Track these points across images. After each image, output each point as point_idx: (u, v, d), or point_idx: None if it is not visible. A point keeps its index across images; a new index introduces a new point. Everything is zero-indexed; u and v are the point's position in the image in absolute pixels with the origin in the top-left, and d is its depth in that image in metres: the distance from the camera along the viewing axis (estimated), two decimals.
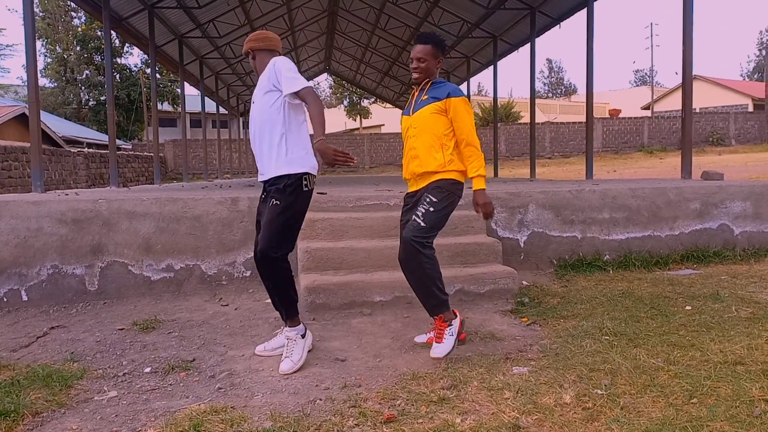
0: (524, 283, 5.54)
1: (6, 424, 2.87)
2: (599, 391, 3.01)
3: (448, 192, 3.76)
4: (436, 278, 3.70)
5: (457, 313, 3.81)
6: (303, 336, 3.74)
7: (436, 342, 3.66)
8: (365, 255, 5.12)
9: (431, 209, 3.69)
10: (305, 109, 3.69)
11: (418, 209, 3.72)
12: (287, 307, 3.75)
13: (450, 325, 3.69)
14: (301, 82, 3.57)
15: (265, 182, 3.74)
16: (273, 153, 3.66)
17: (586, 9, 12.56)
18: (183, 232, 5.56)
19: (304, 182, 3.66)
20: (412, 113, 3.87)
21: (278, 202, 3.60)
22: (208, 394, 3.26)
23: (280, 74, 3.60)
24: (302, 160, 3.67)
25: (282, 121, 3.66)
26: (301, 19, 21.94)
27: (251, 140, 3.78)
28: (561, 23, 15.02)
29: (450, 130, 3.78)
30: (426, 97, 3.81)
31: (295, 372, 3.54)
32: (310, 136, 3.63)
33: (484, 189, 3.77)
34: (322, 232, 5.41)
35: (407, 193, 4.01)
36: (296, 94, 3.58)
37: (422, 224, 3.66)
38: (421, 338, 4.07)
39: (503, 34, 17.56)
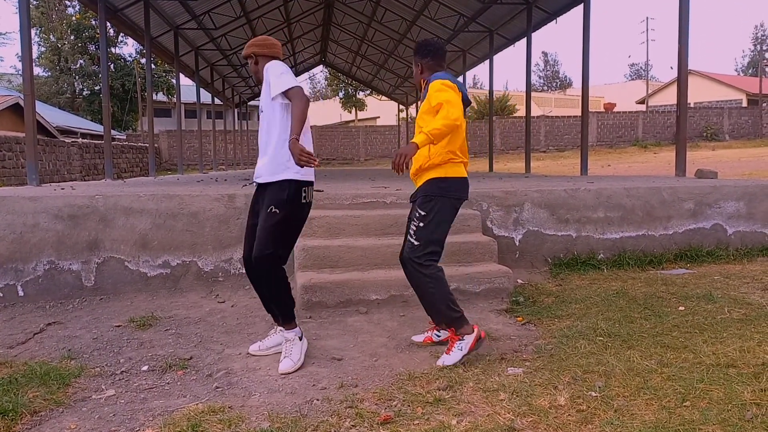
0: (519, 281, 5.58)
1: (5, 424, 2.89)
2: (593, 393, 3.05)
3: (435, 197, 3.67)
4: (442, 298, 3.63)
5: (476, 329, 3.65)
6: (300, 338, 3.76)
7: (446, 354, 3.64)
8: (362, 253, 5.14)
9: (421, 224, 3.63)
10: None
11: (410, 225, 3.70)
12: (283, 313, 3.75)
13: (461, 339, 3.61)
14: (287, 82, 3.52)
15: (262, 184, 3.72)
16: (274, 157, 3.61)
17: (582, 5, 12.57)
18: (180, 229, 5.57)
19: (303, 194, 3.65)
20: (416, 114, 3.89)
21: (277, 211, 3.57)
22: (206, 394, 3.28)
23: (270, 78, 3.58)
24: (303, 169, 3.61)
25: (286, 126, 3.60)
26: (297, 11, 21.87)
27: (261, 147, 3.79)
28: (557, 18, 15.02)
29: None
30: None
31: (294, 372, 3.56)
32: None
33: (417, 145, 3.46)
34: (318, 229, 5.42)
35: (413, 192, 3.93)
36: (285, 95, 3.53)
37: (415, 242, 3.62)
38: (417, 338, 4.07)
39: (499, 28, 17.54)
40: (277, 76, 3.55)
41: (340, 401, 3.10)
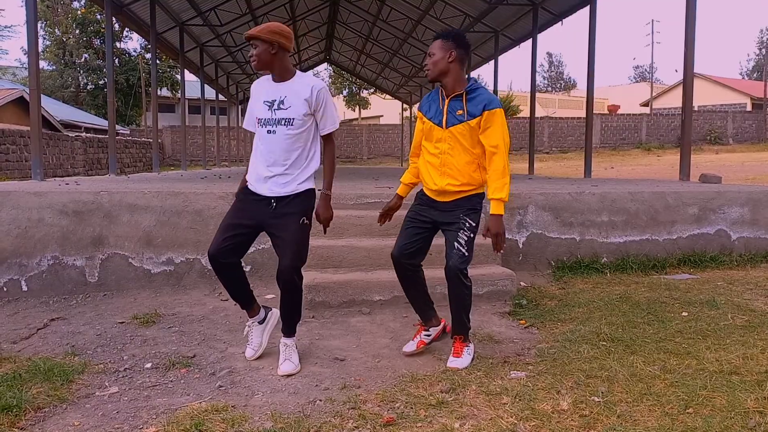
0: (522, 284, 5.58)
1: (8, 419, 2.89)
2: (596, 399, 3.05)
3: (478, 210, 3.70)
4: (469, 309, 3.70)
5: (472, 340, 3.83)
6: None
7: (455, 356, 3.66)
8: (365, 254, 5.15)
9: (472, 235, 3.61)
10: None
11: (461, 235, 3.58)
12: (295, 323, 3.71)
13: (468, 345, 3.71)
14: (337, 120, 3.65)
15: (276, 198, 3.57)
16: (298, 172, 3.58)
17: (588, 6, 12.56)
18: (184, 226, 5.58)
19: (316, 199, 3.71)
20: (445, 126, 3.58)
21: (308, 222, 3.58)
22: (209, 392, 3.29)
23: (326, 107, 3.56)
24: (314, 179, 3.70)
25: (313, 145, 3.62)
26: (303, 8, 21.85)
27: (267, 152, 3.57)
28: (563, 20, 15.00)
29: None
30: (461, 112, 3.55)
31: (296, 373, 3.56)
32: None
33: (502, 215, 3.55)
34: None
35: (424, 195, 3.79)
36: (323, 128, 3.61)
37: (466, 253, 3.57)
38: (409, 348, 3.93)
39: (505, 29, 17.53)
40: (333, 107, 3.62)
41: (342, 402, 3.11)
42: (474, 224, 3.63)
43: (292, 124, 3.51)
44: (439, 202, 3.69)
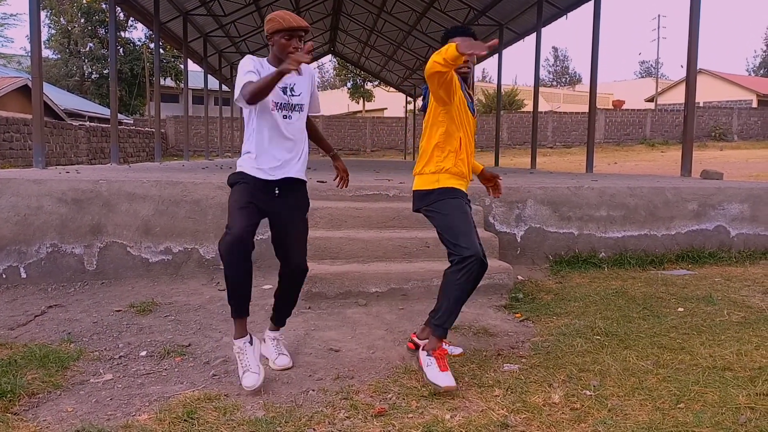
0: (519, 278, 5.58)
1: (2, 404, 2.91)
2: (588, 392, 3.06)
3: None
4: None
5: None
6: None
7: (453, 347, 3.74)
8: (363, 246, 5.15)
9: None
10: None
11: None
12: (292, 309, 3.66)
13: None
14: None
15: (279, 181, 3.44)
16: (302, 156, 3.56)
17: (593, 1, 12.49)
18: (182, 216, 5.59)
19: None
20: (473, 115, 3.55)
21: (306, 217, 3.55)
22: (203, 381, 3.30)
23: (316, 91, 3.60)
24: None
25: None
26: None
27: (282, 137, 3.45)
28: (568, 14, 14.95)
29: None
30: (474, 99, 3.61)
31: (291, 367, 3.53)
32: None
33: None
34: (320, 221, 5.43)
35: (458, 190, 3.48)
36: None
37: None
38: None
39: (509, 22, 17.46)
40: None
41: (335, 392, 3.12)
42: None
43: (302, 110, 3.52)
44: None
